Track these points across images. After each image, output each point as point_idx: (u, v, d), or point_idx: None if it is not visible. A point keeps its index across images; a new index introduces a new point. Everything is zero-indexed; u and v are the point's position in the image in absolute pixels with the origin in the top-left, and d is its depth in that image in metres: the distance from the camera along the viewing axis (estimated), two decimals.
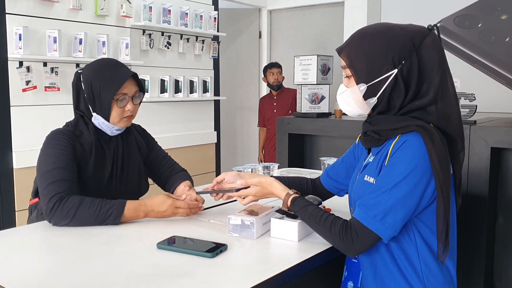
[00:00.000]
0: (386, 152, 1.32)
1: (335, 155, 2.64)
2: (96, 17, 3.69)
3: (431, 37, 1.32)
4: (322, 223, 1.35)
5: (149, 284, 1.17)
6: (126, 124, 1.81)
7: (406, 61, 1.30)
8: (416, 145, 1.26)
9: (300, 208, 1.42)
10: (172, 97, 4.28)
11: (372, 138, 1.38)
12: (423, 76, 1.31)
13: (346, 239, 1.29)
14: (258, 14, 5.93)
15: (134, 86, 1.79)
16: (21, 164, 3.24)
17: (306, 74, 3.20)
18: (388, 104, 1.34)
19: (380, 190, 1.27)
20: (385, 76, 1.31)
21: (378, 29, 1.34)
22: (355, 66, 1.34)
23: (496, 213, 2.41)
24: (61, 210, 1.58)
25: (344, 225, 1.31)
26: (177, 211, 1.70)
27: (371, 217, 1.26)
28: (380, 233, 1.26)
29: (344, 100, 1.42)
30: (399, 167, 1.26)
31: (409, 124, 1.30)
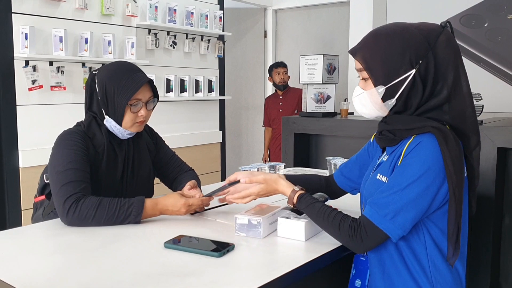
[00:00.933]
0: (400, 152, 1.32)
1: (341, 155, 2.64)
2: (102, 16, 3.70)
3: (445, 35, 1.31)
4: (330, 221, 1.34)
5: (157, 283, 1.17)
6: (138, 129, 1.81)
7: (423, 61, 1.29)
8: (430, 146, 1.25)
9: (306, 206, 1.42)
10: (178, 97, 4.29)
11: (387, 138, 1.38)
12: (439, 74, 1.30)
13: (355, 237, 1.29)
14: (264, 13, 5.93)
15: (149, 91, 1.78)
16: (27, 163, 3.25)
17: (312, 73, 3.20)
18: (405, 104, 1.34)
19: (392, 190, 1.27)
20: (404, 77, 1.30)
21: (392, 30, 1.33)
22: (372, 68, 1.33)
23: (502, 213, 2.40)
24: (80, 212, 1.58)
25: (353, 223, 1.31)
26: (190, 209, 1.71)
27: (382, 216, 1.26)
28: (389, 232, 1.26)
29: (361, 103, 1.41)
30: (412, 167, 1.25)
31: (424, 125, 1.29)
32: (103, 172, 1.76)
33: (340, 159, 2.37)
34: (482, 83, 4.01)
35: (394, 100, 1.33)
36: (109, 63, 1.81)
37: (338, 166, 2.29)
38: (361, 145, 2.98)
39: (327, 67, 3.18)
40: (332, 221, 1.34)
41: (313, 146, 3.30)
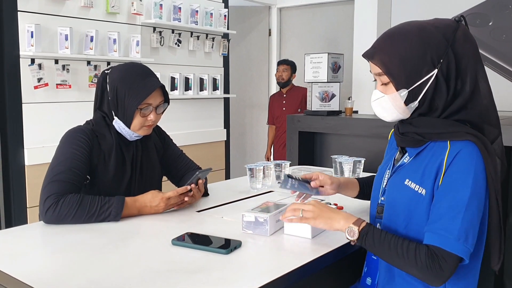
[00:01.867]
0: (436, 161, 1.27)
1: (346, 153, 2.64)
2: (107, 14, 3.71)
3: (462, 30, 1.28)
4: (405, 255, 1.23)
5: (165, 280, 1.18)
6: (146, 133, 1.81)
7: (444, 59, 1.26)
8: (474, 155, 1.22)
9: (373, 240, 1.28)
10: (182, 95, 4.30)
11: (412, 139, 1.34)
12: (460, 71, 1.27)
13: (433, 269, 1.19)
14: (268, 11, 5.93)
15: (160, 96, 1.78)
16: (32, 161, 3.26)
17: (317, 72, 3.20)
18: (430, 106, 1.30)
19: (455, 211, 1.21)
20: (426, 78, 1.27)
21: (408, 30, 1.29)
22: (393, 72, 1.29)
23: (507, 212, 2.40)
24: (59, 211, 1.57)
25: (430, 253, 1.21)
26: (169, 202, 1.72)
27: (455, 241, 1.19)
28: (464, 255, 1.20)
29: (381, 106, 1.36)
30: (463, 181, 1.21)
31: (457, 130, 1.26)
32: (112, 173, 1.76)
33: (345, 157, 2.38)
34: None
35: (417, 102, 1.30)
36: (122, 64, 1.80)
37: (343, 165, 2.30)
38: (365, 143, 2.99)
39: (331, 66, 3.18)
40: (407, 254, 1.23)
41: (317, 144, 3.30)
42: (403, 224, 1.34)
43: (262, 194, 2.08)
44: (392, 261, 1.27)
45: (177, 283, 1.16)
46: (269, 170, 2.21)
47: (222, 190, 2.16)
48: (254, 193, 2.08)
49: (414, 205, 1.31)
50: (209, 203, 1.90)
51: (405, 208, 1.33)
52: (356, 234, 1.30)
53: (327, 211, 1.38)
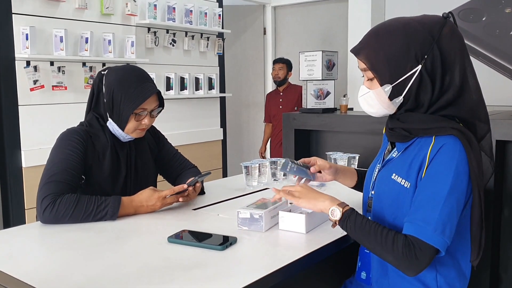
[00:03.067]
0: (420, 155, 1.29)
1: (341, 150, 2.66)
2: (102, 16, 3.72)
3: (449, 26, 1.30)
4: (383, 241, 1.25)
5: (161, 276, 1.20)
6: (139, 136, 1.83)
7: (428, 55, 1.27)
8: (456, 149, 1.24)
9: (354, 224, 1.31)
10: (178, 95, 4.31)
11: (400, 134, 1.36)
12: (446, 67, 1.29)
13: (409, 258, 1.21)
14: (263, 10, 5.95)
15: (155, 101, 1.80)
16: (30, 163, 3.27)
17: (311, 70, 3.21)
18: (415, 101, 1.32)
19: (433, 202, 1.23)
20: (410, 74, 1.29)
21: (394, 27, 1.31)
22: (377, 68, 1.32)
23: (502, 206, 2.42)
24: (56, 211, 1.59)
25: (407, 243, 1.23)
26: (165, 201, 1.73)
27: (431, 232, 1.21)
28: (440, 247, 1.22)
29: (367, 102, 1.39)
30: (445, 174, 1.23)
31: (443, 126, 1.27)
32: (107, 173, 1.77)
33: (340, 153, 2.40)
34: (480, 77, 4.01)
35: (402, 98, 1.32)
36: (119, 66, 1.81)
37: (338, 161, 2.32)
38: (361, 140, 3.01)
39: (326, 63, 3.20)
40: (385, 241, 1.25)
41: (313, 141, 3.32)
42: (390, 217, 1.37)
43: (258, 191, 2.10)
44: (370, 246, 1.29)
45: (173, 279, 1.18)
46: (265, 167, 2.23)
47: (218, 188, 2.18)
48: (250, 191, 2.10)
49: (400, 198, 1.33)
50: (205, 201, 1.91)
51: (392, 201, 1.36)
52: (339, 215, 1.33)
53: (313, 192, 1.43)
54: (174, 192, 1.74)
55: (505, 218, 2.42)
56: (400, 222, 1.33)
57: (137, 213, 1.70)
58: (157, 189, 1.75)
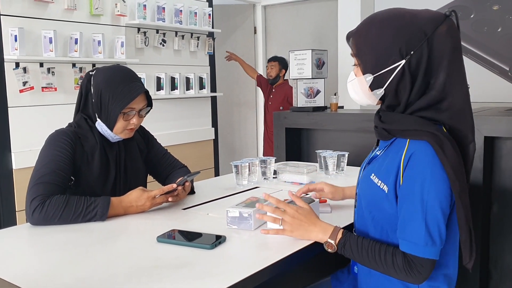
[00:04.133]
0: (396, 158, 1.28)
1: (332, 148, 2.67)
2: (91, 16, 3.71)
3: (447, 24, 1.24)
4: (384, 260, 1.27)
5: (150, 276, 1.20)
6: (128, 136, 1.83)
7: (415, 52, 1.23)
8: (428, 156, 1.22)
9: (355, 246, 1.32)
10: (169, 95, 4.31)
11: (381, 133, 1.37)
12: (431, 69, 1.25)
13: (412, 274, 1.24)
14: (253, 9, 5.95)
15: (143, 100, 1.80)
16: (20, 164, 3.26)
17: (301, 68, 3.23)
18: (396, 97, 1.30)
19: (417, 216, 1.22)
20: (392, 68, 1.26)
21: (386, 17, 1.28)
22: (362, 56, 1.31)
23: (490, 202, 2.44)
24: (45, 212, 1.58)
25: (406, 260, 1.25)
26: (155, 201, 1.73)
27: (423, 246, 1.22)
28: (435, 256, 1.24)
29: (353, 88, 1.39)
30: (420, 184, 1.22)
31: (418, 129, 1.25)
32: (96, 174, 1.77)
33: (329, 152, 2.41)
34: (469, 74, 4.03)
35: (382, 90, 1.30)
36: (107, 67, 1.81)
37: (327, 159, 2.33)
38: (351, 138, 3.03)
39: (316, 62, 3.21)
40: (385, 260, 1.27)
41: (304, 140, 3.33)
42: (369, 215, 1.38)
43: (248, 190, 2.11)
44: (372, 267, 1.32)
45: (162, 278, 1.19)
46: (255, 166, 2.23)
47: (208, 187, 2.18)
48: (240, 190, 2.11)
49: (378, 201, 1.33)
50: (195, 201, 1.92)
51: (370, 202, 1.37)
52: (334, 247, 1.35)
53: (305, 223, 1.39)
54: (163, 192, 1.74)
55: (494, 214, 2.44)
56: (378, 223, 1.36)
57: (126, 214, 1.70)
58: (147, 189, 1.75)
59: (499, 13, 4.18)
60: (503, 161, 2.39)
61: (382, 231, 1.36)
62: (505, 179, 2.40)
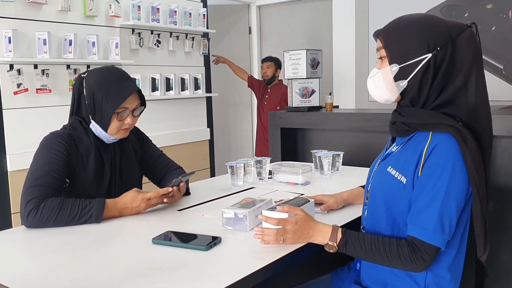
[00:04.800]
0: (417, 151, 1.32)
1: (327, 148, 2.68)
2: (85, 18, 3.70)
3: (469, 33, 1.33)
4: (388, 253, 1.30)
5: (145, 278, 1.20)
6: (123, 136, 1.83)
7: (441, 49, 1.30)
8: (451, 148, 1.27)
9: (357, 241, 1.34)
10: (164, 95, 4.30)
11: (400, 128, 1.40)
12: (453, 68, 1.32)
13: (417, 261, 1.27)
14: (247, 10, 5.95)
15: (136, 100, 1.80)
16: (15, 166, 3.25)
17: (296, 68, 3.23)
18: (418, 91, 1.35)
19: (432, 202, 1.26)
20: (418, 59, 1.32)
21: (418, 16, 1.37)
22: (390, 46, 1.36)
23: (487, 199, 2.45)
24: (40, 215, 1.58)
25: (411, 248, 1.28)
26: (150, 203, 1.73)
27: (432, 233, 1.26)
28: (441, 245, 1.27)
29: (374, 83, 1.43)
30: (441, 174, 1.26)
31: (440, 122, 1.30)
32: (91, 176, 1.77)
33: (324, 151, 2.41)
34: None
35: (406, 82, 1.35)
36: (98, 68, 1.81)
37: (322, 159, 2.34)
38: (346, 137, 3.03)
39: (310, 62, 3.22)
40: (390, 251, 1.30)
41: (299, 140, 3.33)
42: (383, 208, 1.39)
43: (243, 190, 2.11)
44: (377, 261, 1.34)
45: (158, 280, 1.18)
46: (250, 167, 2.23)
47: (204, 188, 2.18)
48: (236, 190, 2.11)
49: (394, 191, 1.36)
50: (191, 202, 1.92)
51: (385, 193, 1.38)
52: (335, 248, 1.36)
53: (305, 231, 1.39)
54: (159, 195, 1.74)
55: (490, 212, 2.45)
56: (392, 214, 1.37)
57: (121, 215, 1.70)
58: (141, 191, 1.75)
59: (493, 11, 4.20)
60: (498, 160, 2.40)
61: (394, 225, 1.37)
62: (500, 177, 2.41)
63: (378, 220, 1.42)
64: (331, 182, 2.25)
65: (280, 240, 1.37)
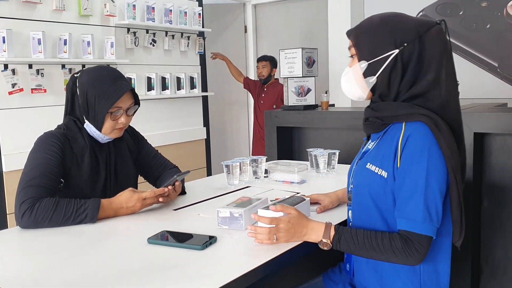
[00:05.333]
0: (393, 143, 1.33)
1: (323, 146, 2.68)
2: (80, 17, 3.69)
3: (437, 29, 1.35)
4: (381, 247, 1.30)
5: (141, 278, 1.20)
6: (118, 135, 1.82)
7: (408, 45, 1.33)
8: (425, 135, 1.29)
9: (350, 236, 1.34)
10: (159, 95, 4.29)
11: (374, 124, 1.41)
12: (422, 64, 1.34)
13: (411, 253, 1.27)
14: (243, 8, 5.94)
15: (130, 99, 1.79)
16: (10, 167, 3.24)
17: (292, 67, 3.23)
18: (388, 87, 1.37)
19: (415, 193, 1.27)
20: (386, 55, 1.34)
21: (387, 14, 1.40)
22: (360, 44, 1.39)
23: (481, 197, 2.46)
24: (35, 215, 1.57)
25: (404, 241, 1.28)
26: (145, 202, 1.73)
27: (421, 223, 1.26)
28: (432, 234, 1.28)
29: (346, 80, 1.46)
30: (419, 162, 1.27)
31: (412, 112, 1.32)
32: (86, 176, 1.76)
33: (320, 150, 2.41)
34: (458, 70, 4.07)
35: (375, 78, 1.37)
36: (91, 68, 1.80)
37: (318, 157, 2.34)
38: (342, 136, 3.03)
39: (306, 60, 3.21)
40: (383, 246, 1.30)
41: (295, 138, 3.33)
42: (372, 205, 1.39)
43: (239, 189, 2.10)
44: (370, 256, 1.34)
45: (153, 280, 1.18)
46: (246, 166, 2.23)
47: (200, 187, 2.18)
48: (231, 189, 2.10)
49: (377, 187, 1.36)
50: (186, 201, 1.91)
51: (370, 190, 1.38)
52: (329, 245, 1.37)
53: (298, 229, 1.39)
54: (154, 195, 1.74)
55: (484, 209, 2.46)
56: (381, 210, 1.37)
57: (117, 215, 1.70)
58: (137, 190, 1.74)
59: (488, 9, 4.20)
60: (493, 157, 2.41)
61: (383, 220, 1.37)
62: (495, 175, 2.41)
63: (367, 218, 1.42)
64: (327, 181, 2.25)
65: (274, 239, 1.38)
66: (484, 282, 2.49)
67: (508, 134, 2.33)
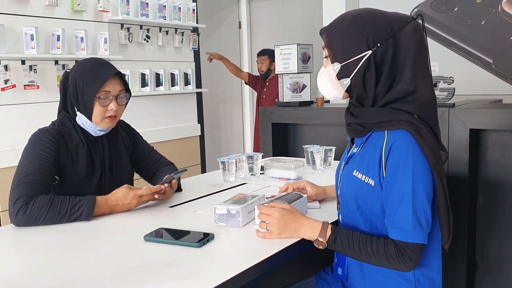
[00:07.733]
0: (377, 150, 1.31)
1: (318, 143, 2.67)
2: (73, 12, 3.66)
3: (412, 26, 1.31)
4: (375, 253, 1.30)
5: (137, 276, 1.18)
6: (109, 126, 1.80)
7: (381, 45, 1.28)
8: (408, 143, 1.26)
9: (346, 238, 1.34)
10: (153, 91, 4.27)
11: (355, 130, 1.39)
12: (397, 64, 1.30)
13: (404, 261, 1.27)
14: (237, 4, 5.92)
15: (119, 85, 1.78)
16: (3, 164, 3.21)
17: (287, 63, 3.22)
18: (363, 89, 1.33)
19: (403, 203, 1.26)
20: (358, 57, 1.30)
21: (359, 12, 1.35)
22: (332, 45, 1.35)
23: (476, 193, 2.46)
24: (30, 213, 1.56)
25: (397, 249, 1.28)
26: (141, 200, 1.72)
27: (411, 232, 1.26)
28: (424, 240, 1.27)
29: (322, 81, 1.43)
30: (404, 171, 1.25)
31: (393, 119, 1.29)
32: (81, 172, 1.75)
33: (316, 146, 2.40)
34: (453, 67, 4.08)
35: (349, 80, 1.33)
36: (80, 60, 1.81)
37: (315, 154, 2.33)
38: (337, 132, 3.02)
39: (301, 57, 3.20)
40: (377, 252, 1.29)
41: (291, 135, 3.33)
42: (357, 212, 1.39)
43: (235, 186, 2.09)
44: (364, 260, 1.33)
45: (150, 278, 1.17)
46: (242, 162, 2.22)
47: (196, 184, 2.16)
48: (227, 186, 2.09)
49: (364, 195, 1.35)
50: (182, 198, 1.90)
51: (356, 198, 1.37)
52: (325, 244, 1.36)
53: (292, 223, 1.40)
54: (150, 192, 1.72)
55: (479, 206, 2.46)
56: (367, 218, 1.36)
57: (112, 212, 1.68)
58: (133, 187, 1.73)
59: (483, 6, 4.21)
60: (488, 153, 2.41)
61: (371, 226, 1.37)
62: (490, 171, 2.42)
63: (354, 224, 1.41)
64: (323, 177, 2.25)
65: (265, 227, 1.40)
66: (480, 278, 2.49)
67: (504, 130, 2.34)
